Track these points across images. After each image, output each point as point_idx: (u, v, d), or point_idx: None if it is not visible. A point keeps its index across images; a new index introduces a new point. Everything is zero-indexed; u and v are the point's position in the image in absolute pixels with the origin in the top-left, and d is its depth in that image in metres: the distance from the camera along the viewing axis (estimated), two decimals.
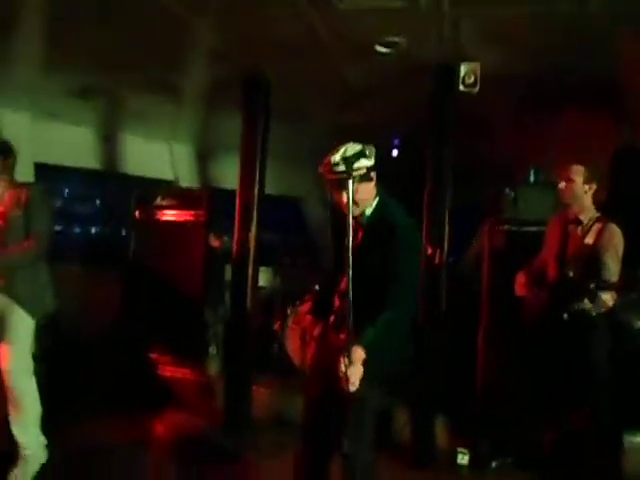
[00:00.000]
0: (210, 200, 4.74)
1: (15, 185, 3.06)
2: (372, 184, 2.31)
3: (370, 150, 2.23)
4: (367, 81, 3.82)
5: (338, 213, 2.39)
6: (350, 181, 2.14)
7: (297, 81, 3.89)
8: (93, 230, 6.68)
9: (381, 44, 3.20)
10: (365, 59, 3.42)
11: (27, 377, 3.02)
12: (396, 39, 3.14)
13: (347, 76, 3.73)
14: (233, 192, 3.96)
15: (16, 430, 3.00)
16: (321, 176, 2.27)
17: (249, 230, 3.72)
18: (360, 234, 2.34)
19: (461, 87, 3.36)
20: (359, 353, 2.13)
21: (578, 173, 2.94)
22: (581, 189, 2.94)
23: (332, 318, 2.41)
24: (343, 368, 2.13)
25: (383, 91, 4.00)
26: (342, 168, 2.16)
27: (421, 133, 3.65)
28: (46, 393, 3.83)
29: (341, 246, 2.31)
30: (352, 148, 2.20)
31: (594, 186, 2.95)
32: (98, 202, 6.54)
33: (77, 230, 6.75)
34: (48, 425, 3.14)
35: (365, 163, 2.21)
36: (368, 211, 2.34)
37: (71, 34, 3.28)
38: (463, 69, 3.34)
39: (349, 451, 2.24)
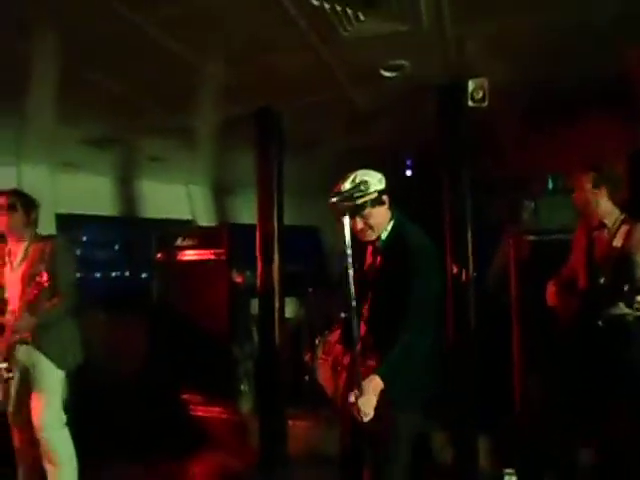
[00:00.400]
0: (230, 236, 4.77)
1: (38, 239, 3.11)
2: (385, 207, 2.32)
3: (379, 175, 2.29)
4: (376, 104, 3.84)
5: (355, 241, 2.39)
6: (363, 206, 2.20)
7: (307, 111, 3.92)
8: (115, 275, 6.73)
9: (386, 68, 3.23)
10: (372, 84, 3.45)
11: (59, 429, 3.02)
12: (401, 62, 3.16)
13: (356, 101, 3.76)
14: (251, 226, 3.98)
15: None
16: (333, 206, 2.25)
17: (271, 262, 3.72)
18: (379, 259, 2.34)
19: (470, 103, 3.36)
20: (375, 382, 2.13)
21: (585, 180, 2.91)
22: (591, 195, 2.90)
23: (359, 346, 2.36)
24: (353, 399, 2.13)
25: (392, 113, 4.02)
26: (353, 194, 2.19)
27: (433, 152, 3.65)
28: (78, 442, 3.84)
29: (360, 274, 2.32)
30: (361, 175, 2.24)
31: (604, 189, 2.90)
32: (119, 247, 6.61)
33: (99, 276, 6.81)
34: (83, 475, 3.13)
35: (375, 187, 2.24)
36: (384, 235, 2.34)
37: (84, 84, 3.35)
38: (471, 85, 3.36)
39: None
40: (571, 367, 3.12)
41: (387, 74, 3.30)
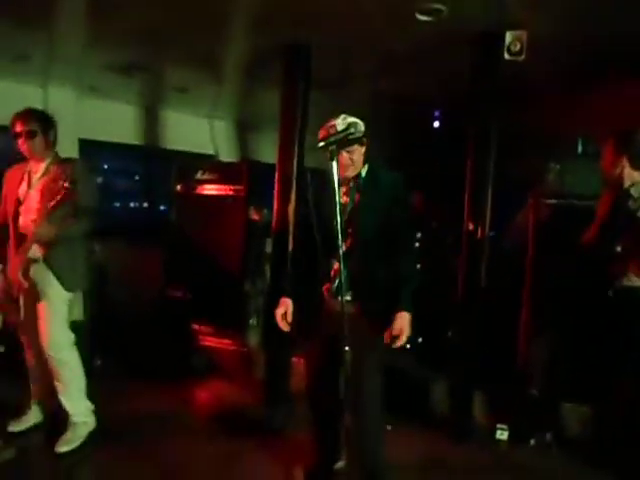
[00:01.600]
0: (250, 174, 4.76)
1: (59, 160, 3.11)
2: (364, 149, 2.53)
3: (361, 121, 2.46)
4: (408, 50, 3.72)
5: (325, 180, 2.44)
6: (352, 142, 2.39)
7: (338, 51, 3.82)
8: (135, 205, 6.80)
9: (422, 12, 3.11)
10: (406, 26, 3.33)
11: (65, 348, 3.07)
12: (439, 6, 3.03)
13: (388, 44, 3.64)
14: (272, 165, 3.96)
15: (62, 399, 3.11)
16: (322, 139, 2.32)
17: (288, 202, 3.72)
18: (357, 195, 2.55)
19: (506, 56, 3.24)
20: (406, 318, 2.41)
21: (610, 144, 2.85)
22: (616, 159, 2.82)
23: (330, 284, 2.56)
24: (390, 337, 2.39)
25: (425, 60, 3.89)
26: (345, 129, 2.32)
27: (464, 105, 3.55)
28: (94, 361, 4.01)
29: (326, 213, 2.45)
30: (349, 117, 2.41)
31: (627, 154, 2.82)
32: (140, 177, 6.63)
33: (119, 205, 6.88)
34: (96, 392, 3.27)
35: (362, 129, 2.43)
36: (363, 172, 2.57)
37: (113, 10, 3.30)
38: (509, 37, 3.23)
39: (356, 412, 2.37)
40: (578, 334, 3.14)
41: (423, 17, 3.19)
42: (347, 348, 2.18)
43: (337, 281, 2.48)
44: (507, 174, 3.83)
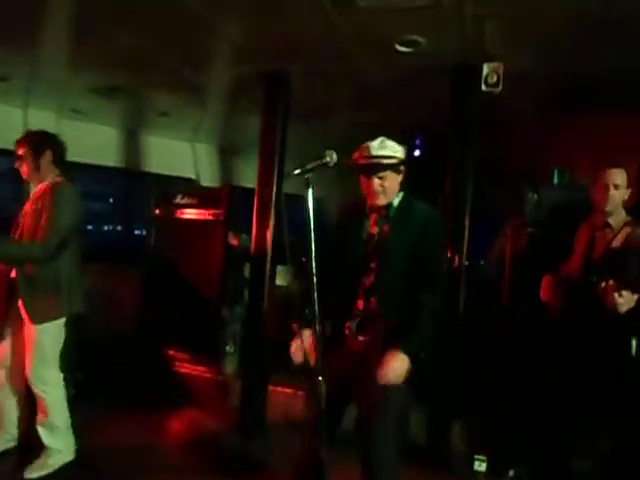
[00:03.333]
0: (230, 198, 4.75)
1: (50, 183, 3.00)
2: (400, 178, 2.34)
3: (403, 148, 2.33)
4: (388, 80, 3.78)
5: (353, 213, 2.45)
6: (386, 168, 2.24)
7: (318, 79, 3.87)
8: (113, 228, 6.73)
9: (401, 43, 3.17)
10: (386, 57, 3.39)
11: (48, 384, 2.97)
12: (417, 38, 3.09)
13: (368, 75, 3.70)
14: (252, 190, 3.96)
15: (39, 428, 2.99)
16: (354, 161, 2.32)
17: (266, 228, 3.71)
18: (387, 226, 2.34)
19: (483, 87, 3.30)
20: (398, 359, 2.13)
21: (621, 177, 2.79)
22: (623, 193, 2.83)
23: (350, 322, 2.36)
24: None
25: (404, 90, 3.96)
26: (380, 153, 2.24)
27: (443, 133, 3.60)
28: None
29: (354, 247, 2.36)
30: (388, 140, 2.28)
31: (629, 190, 2.86)
32: (120, 200, 6.58)
33: (96, 228, 6.80)
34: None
35: (399, 154, 2.29)
36: (395, 202, 2.35)
37: (96, 34, 3.32)
38: (485, 69, 3.29)
39: (372, 457, 2.23)
40: (559, 364, 3.13)
41: (402, 49, 3.25)
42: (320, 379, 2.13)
43: (358, 319, 2.32)
44: (484, 203, 3.88)
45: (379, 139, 2.28)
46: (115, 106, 4.92)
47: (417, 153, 5.66)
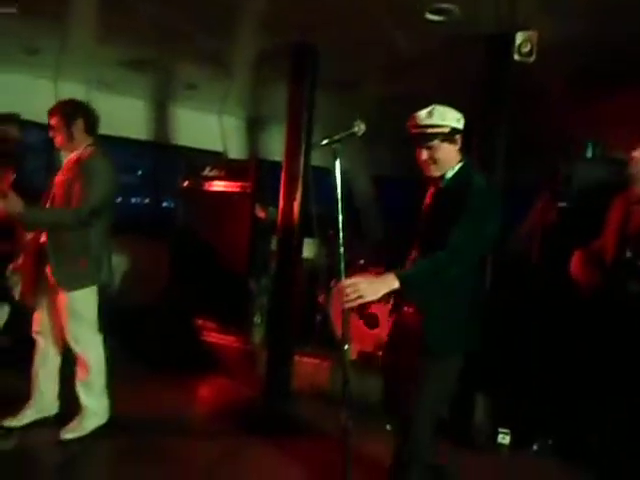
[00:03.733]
0: (257, 171, 4.77)
1: (84, 149, 3.04)
2: (455, 147, 2.20)
3: (459, 114, 2.19)
4: (418, 50, 3.70)
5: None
6: (433, 137, 2.12)
7: (346, 50, 3.81)
8: (143, 200, 6.82)
9: (432, 11, 3.09)
10: (416, 27, 3.31)
11: (88, 347, 3.06)
12: (449, 6, 3.02)
13: (397, 45, 3.62)
14: (280, 163, 3.96)
15: (79, 388, 3.09)
16: (408, 131, 2.22)
17: (294, 201, 3.71)
18: (437, 199, 2.28)
19: (516, 57, 3.21)
20: (390, 277, 2.01)
21: None
22: None
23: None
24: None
25: (435, 61, 3.87)
26: (427, 122, 2.13)
27: (473, 105, 3.52)
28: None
29: (418, 221, 2.32)
30: (439, 107, 2.15)
31: None
32: (148, 173, 6.64)
33: (127, 200, 6.89)
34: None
35: (450, 123, 2.14)
36: (449, 174, 2.23)
37: (124, 6, 3.31)
38: (519, 38, 3.20)
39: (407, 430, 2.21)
40: (585, 340, 3.10)
41: (433, 17, 3.17)
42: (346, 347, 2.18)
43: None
44: (516, 176, 3.81)
45: (429, 107, 2.15)
46: (143, 79, 4.94)
47: None
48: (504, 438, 3.42)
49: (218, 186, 4.87)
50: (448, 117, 2.14)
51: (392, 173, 7.01)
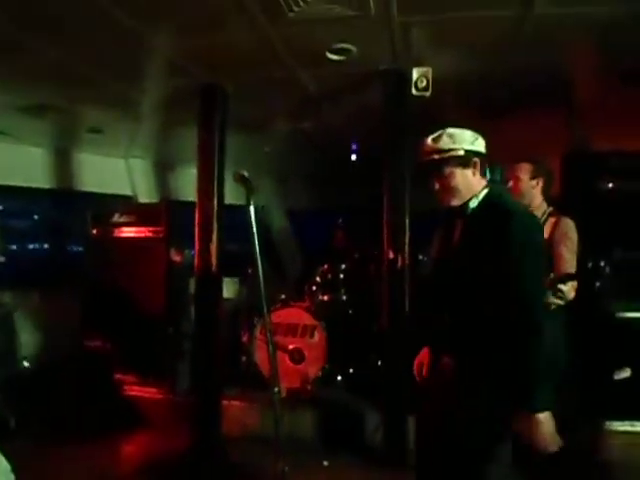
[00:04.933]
0: (169, 214, 4.67)
1: None
2: (473, 172, 1.98)
3: (475, 135, 2.00)
4: (323, 88, 3.83)
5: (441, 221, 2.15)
6: (443, 163, 1.93)
7: (254, 90, 3.87)
8: (48, 251, 6.45)
9: (333, 52, 3.22)
10: (319, 66, 3.43)
11: None
12: (348, 46, 3.16)
13: (303, 83, 3.73)
14: (192, 204, 3.91)
15: None
16: (418, 160, 2.04)
17: (210, 241, 3.67)
18: (458, 231, 1.98)
19: (414, 91, 3.40)
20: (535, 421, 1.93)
21: (524, 170, 3.00)
22: (528, 185, 2.99)
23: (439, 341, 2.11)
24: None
25: (339, 97, 4.03)
26: (435, 146, 1.94)
27: (378, 137, 3.68)
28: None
29: (434, 260, 2.10)
30: (451, 130, 1.97)
31: (541, 181, 3.01)
32: (54, 221, 6.31)
33: (31, 252, 6.49)
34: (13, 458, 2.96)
35: (463, 145, 1.94)
36: (473, 203, 1.96)
37: (22, 50, 3.18)
38: (415, 74, 3.39)
39: None
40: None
41: (334, 57, 3.30)
42: None
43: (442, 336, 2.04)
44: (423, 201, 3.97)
45: (439, 131, 1.96)
46: (43, 124, 4.73)
47: (354, 157, 5.77)
48: None
49: (129, 232, 4.72)
50: (459, 139, 1.94)
51: (307, 206, 7.12)
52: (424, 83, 3.37)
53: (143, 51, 3.24)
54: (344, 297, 5.00)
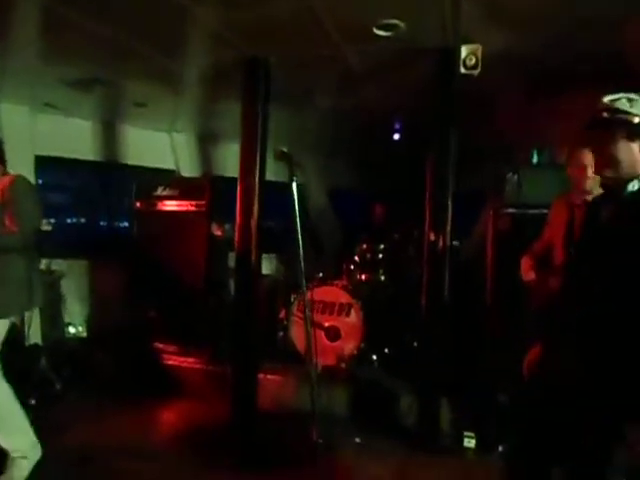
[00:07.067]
0: (211, 189, 4.73)
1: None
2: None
3: None
4: (368, 64, 3.76)
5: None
6: (613, 128, 1.69)
7: (299, 65, 3.84)
8: (95, 222, 6.65)
9: (380, 27, 3.16)
10: (365, 42, 3.37)
11: None
12: (396, 22, 3.09)
13: (348, 59, 3.68)
14: (235, 179, 3.93)
15: None
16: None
17: (251, 217, 3.69)
18: (614, 214, 1.74)
19: (462, 70, 3.31)
20: None
21: (586, 157, 2.89)
22: (588, 172, 2.90)
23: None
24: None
25: (384, 74, 3.96)
26: (608, 106, 1.72)
27: (422, 117, 3.61)
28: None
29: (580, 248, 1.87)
30: (635, 95, 1.71)
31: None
32: (99, 194, 6.49)
33: (78, 222, 6.70)
34: (58, 418, 3.06)
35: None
36: (633, 185, 1.71)
37: (69, 24, 3.24)
38: (464, 51, 3.30)
39: None
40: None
41: (381, 33, 3.23)
42: None
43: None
44: (466, 185, 3.91)
45: (620, 93, 1.72)
46: (91, 98, 4.83)
47: (397, 137, 5.69)
48: (470, 442, 3.48)
49: (172, 205, 4.80)
50: (635, 106, 1.68)
51: (348, 184, 7.09)
52: (473, 61, 3.28)
53: (189, 24, 3.25)
54: (382, 277, 4.99)
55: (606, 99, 1.74)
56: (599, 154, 1.76)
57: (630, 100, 1.69)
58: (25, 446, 2.89)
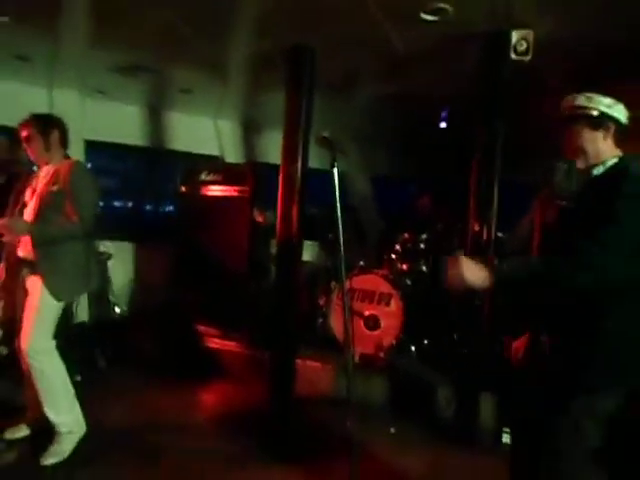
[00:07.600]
0: (254, 175, 4.77)
1: (59, 161, 3.02)
2: (603, 136, 1.91)
3: (616, 102, 1.93)
4: (414, 50, 3.69)
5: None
6: (574, 119, 1.92)
7: (344, 52, 3.80)
8: (141, 206, 6.78)
9: (427, 12, 3.08)
10: (412, 27, 3.30)
11: (44, 357, 2.89)
12: (443, 5, 3.00)
13: (394, 45, 3.61)
14: (277, 167, 3.94)
15: (45, 409, 2.92)
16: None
17: (292, 204, 3.69)
18: (579, 198, 1.94)
19: (513, 55, 3.21)
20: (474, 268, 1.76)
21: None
22: None
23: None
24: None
25: (431, 60, 3.87)
26: (573, 103, 1.94)
27: (470, 105, 3.52)
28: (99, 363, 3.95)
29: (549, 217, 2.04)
30: (592, 94, 1.93)
31: None
32: (146, 178, 6.61)
33: (125, 206, 6.84)
34: (99, 396, 3.16)
35: (599, 107, 1.89)
36: (597, 170, 1.93)
37: (118, 11, 3.30)
38: (515, 36, 3.19)
39: None
40: None
41: (428, 17, 3.16)
42: None
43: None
44: (514, 175, 3.79)
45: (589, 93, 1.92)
46: (137, 84, 4.93)
47: (444, 125, 5.56)
48: (508, 437, 3.41)
49: (216, 190, 4.86)
50: (595, 100, 1.90)
51: (392, 172, 7.01)
52: (524, 46, 3.17)
53: (234, 10, 3.25)
54: (423, 267, 4.92)
55: (568, 98, 1.99)
56: (569, 147, 2.00)
57: (587, 97, 1.93)
58: (72, 422, 3.01)
